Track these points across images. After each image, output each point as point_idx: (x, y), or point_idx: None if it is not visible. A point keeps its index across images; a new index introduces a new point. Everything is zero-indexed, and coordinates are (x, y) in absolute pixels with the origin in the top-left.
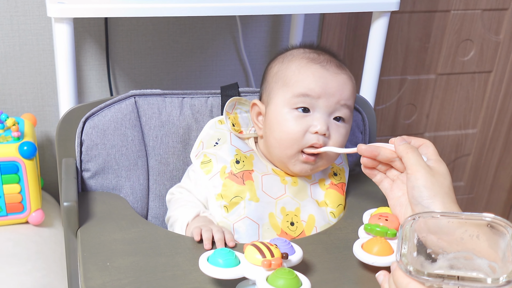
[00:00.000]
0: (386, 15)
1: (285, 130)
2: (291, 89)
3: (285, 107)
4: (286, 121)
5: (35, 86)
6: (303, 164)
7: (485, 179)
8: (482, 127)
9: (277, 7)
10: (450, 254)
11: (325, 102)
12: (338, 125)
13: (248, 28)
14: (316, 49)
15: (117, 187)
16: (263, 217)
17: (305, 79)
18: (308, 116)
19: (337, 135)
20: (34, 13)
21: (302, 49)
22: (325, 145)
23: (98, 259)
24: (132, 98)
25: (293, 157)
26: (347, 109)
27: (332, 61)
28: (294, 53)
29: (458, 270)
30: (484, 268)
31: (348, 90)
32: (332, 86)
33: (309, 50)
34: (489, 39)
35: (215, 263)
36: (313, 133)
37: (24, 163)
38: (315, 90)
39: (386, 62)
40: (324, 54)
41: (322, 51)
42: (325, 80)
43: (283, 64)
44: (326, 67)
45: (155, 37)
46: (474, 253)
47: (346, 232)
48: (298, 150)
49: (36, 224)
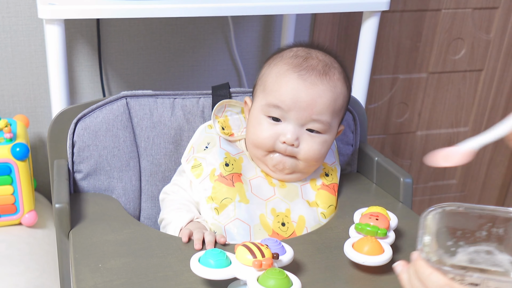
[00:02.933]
0: (376, 15)
1: (258, 134)
2: (266, 97)
3: (261, 112)
4: (259, 125)
5: (27, 87)
6: (277, 159)
7: (477, 177)
8: (474, 125)
9: (268, 7)
10: (471, 247)
11: (295, 115)
12: (311, 135)
13: (240, 28)
14: (312, 48)
15: (109, 188)
16: (253, 218)
17: (279, 90)
18: (279, 124)
19: (308, 145)
20: (25, 14)
21: (295, 49)
22: (293, 155)
23: (90, 260)
24: (124, 99)
25: (265, 155)
26: (320, 124)
27: (315, 69)
28: (284, 54)
29: (478, 264)
30: (505, 264)
31: (322, 104)
32: (303, 100)
33: (301, 52)
34: (479, 37)
35: (206, 263)
36: (281, 142)
37: (17, 164)
38: (286, 103)
39: (378, 61)
40: (313, 59)
41: (316, 52)
42: (297, 93)
43: (269, 67)
44: (305, 76)
45: (147, 37)
46: (497, 248)
47: (337, 232)
48: (266, 154)
49: (29, 225)
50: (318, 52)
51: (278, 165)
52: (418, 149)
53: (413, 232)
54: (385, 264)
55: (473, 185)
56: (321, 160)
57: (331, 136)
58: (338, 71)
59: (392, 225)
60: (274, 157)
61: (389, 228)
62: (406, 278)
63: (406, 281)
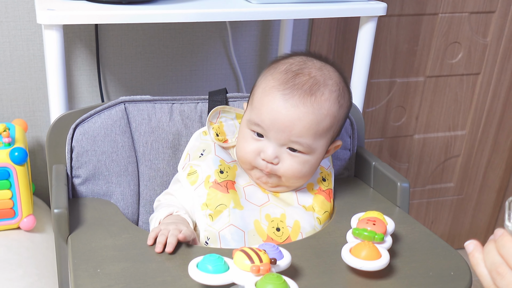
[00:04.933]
0: (373, 20)
1: (241, 147)
2: (251, 113)
3: (246, 126)
4: (244, 139)
5: (26, 91)
6: (262, 175)
7: (475, 180)
8: (471, 128)
9: (266, 13)
10: None
11: (274, 135)
12: (292, 154)
13: (238, 33)
14: (313, 57)
15: (107, 193)
16: (248, 224)
17: (261, 108)
18: (261, 141)
19: (288, 164)
20: (24, 19)
21: (291, 60)
22: (273, 172)
23: (89, 265)
24: (122, 104)
25: (249, 169)
26: (300, 146)
27: (302, 88)
28: (279, 66)
29: None
30: None
31: (301, 127)
32: (281, 123)
33: (295, 65)
34: (476, 41)
35: (205, 269)
36: (262, 159)
37: (15, 169)
38: (266, 123)
39: (375, 65)
40: (305, 75)
41: (312, 65)
42: (276, 115)
43: (261, 78)
44: (287, 97)
45: (146, 42)
46: None
47: (334, 237)
48: (251, 168)
49: (27, 229)
50: (314, 65)
51: (261, 178)
52: (416, 152)
53: (410, 237)
54: (382, 269)
55: (470, 188)
56: (305, 178)
57: (316, 156)
58: (330, 89)
59: (389, 230)
60: (256, 172)
61: (386, 233)
62: (480, 257)
63: (479, 260)
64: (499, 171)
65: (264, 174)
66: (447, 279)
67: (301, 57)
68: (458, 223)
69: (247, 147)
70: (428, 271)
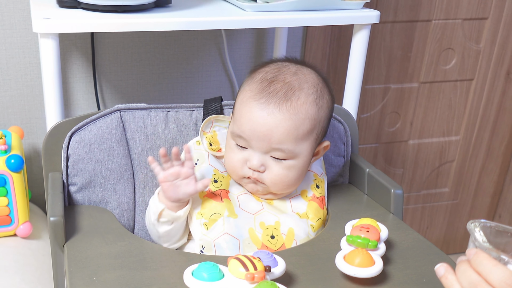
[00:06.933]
0: (367, 28)
1: (230, 157)
2: (233, 125)
3: (231, 138)
4: (230, 149)
5: (22, 98)
6: (252, 184)
7: (469, 185)
8: (465, 134)
9: (261, 21)
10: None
11: (256, 144)
12: (276, 161)
13: (233, 40)
14: (290, 62)
15: (103, 200)
16: (242, 232)
17: (240, 119)
18: (245, 151)
19: (274, 171)
20: (20, 27)
21: (267, 69)
22: (260, 179)
23: (85, 273)
24: (118, 112)
25: (240, 180)
26: (282, 152)
27: (277, 95)
28: (255, 76)
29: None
30: None
31: (279, 134)
32: (260, 132)
33: (270, 73)
34: (470, 47)
35: (200, 277)
36: (248, 167)
37: (12, 176)
38: (246, 133)
39: (370, 71)
40: (279, 82)
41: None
42: (254, 125)
43: (240, 89)
44: (263, 106)
45: (141, 49)
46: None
47: (328, 243)
48: (240, 178)
49: (24, 236)
50: (289, 70)
51: (249, 185)
52: (410, 158)
53: (404, 243)
54: (376, 276)
55: (465, 193)
56: (294, 183)
57: (302, 160)
58: (306, 93)
59: (382, 237)
60: (245, 181)
61: (379, 240)
62: (454, 278)
63: (453, 281)
64: (493, 176)
65: (252, 181)
66: (440, 285)
67: (277, 63)
68: (453, 228)
69: (234, 157)
70: (422, 278)
